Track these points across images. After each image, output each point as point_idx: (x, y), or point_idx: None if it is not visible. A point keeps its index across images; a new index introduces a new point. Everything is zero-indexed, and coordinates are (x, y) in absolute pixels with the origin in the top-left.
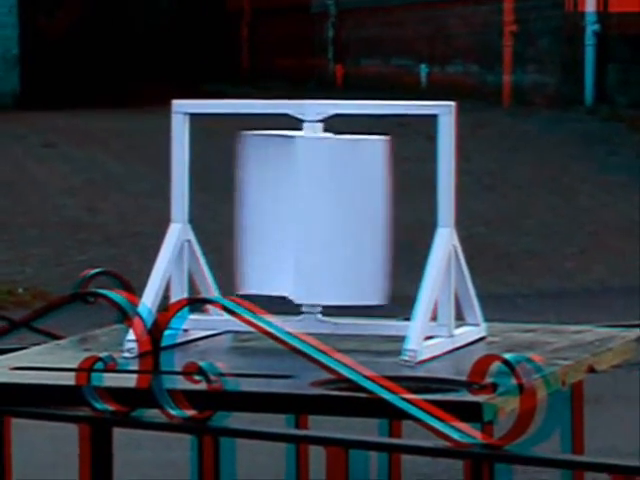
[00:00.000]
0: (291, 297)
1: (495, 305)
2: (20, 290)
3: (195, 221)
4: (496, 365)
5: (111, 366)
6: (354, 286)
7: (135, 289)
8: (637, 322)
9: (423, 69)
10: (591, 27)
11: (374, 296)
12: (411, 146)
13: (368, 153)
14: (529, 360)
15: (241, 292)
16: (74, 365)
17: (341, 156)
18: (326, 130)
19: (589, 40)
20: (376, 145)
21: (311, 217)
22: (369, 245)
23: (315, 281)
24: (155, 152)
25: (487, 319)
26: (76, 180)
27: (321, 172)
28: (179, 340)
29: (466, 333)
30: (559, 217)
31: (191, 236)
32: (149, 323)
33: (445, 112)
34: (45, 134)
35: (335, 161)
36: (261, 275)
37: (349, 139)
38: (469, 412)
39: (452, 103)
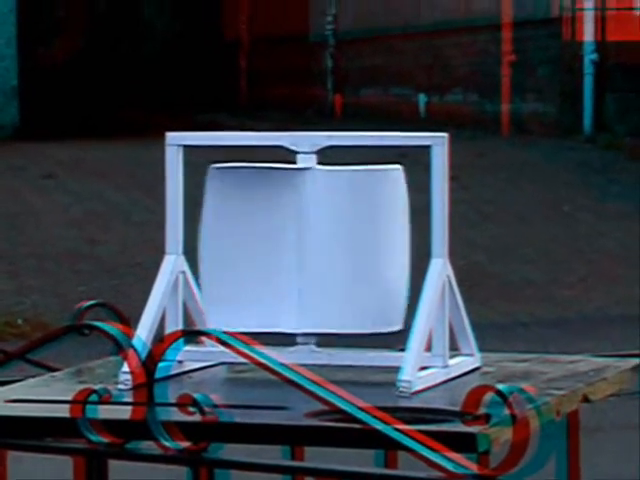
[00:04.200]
0: (295, 329)
1: (494, 334)
2: (19, 321)
3: (190, 252)
4: (490, 395)
5: (106, 398)
6: (372, 314)
7: (134, 320)
8: (633, 352)
9: (422, 99)
10: (589, 56)
11: (394, 322)
12: (412, 177)
13: (385, 183)
14: (522, 391)
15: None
16: (69, 397)
17: (355, 187)
18: (322, 161)
19: (587, 69)
20: (393, 175)
21: (323, 248)
22: (380, 274)
23: (324, 310)
24: (155, 183)
25: (486, 348)
26: (76, 211)
27: (327, 203)
28: (173, 372)
29: (461, 363)
30: (558, 246)
31: (185, 268)
32: (143, 355)
33: (438, 143)
34: (45, 165)
35: (349, 192)
36: (272, 312)
37: (363, 169)
38: (463, 443)
39: (445, 134)
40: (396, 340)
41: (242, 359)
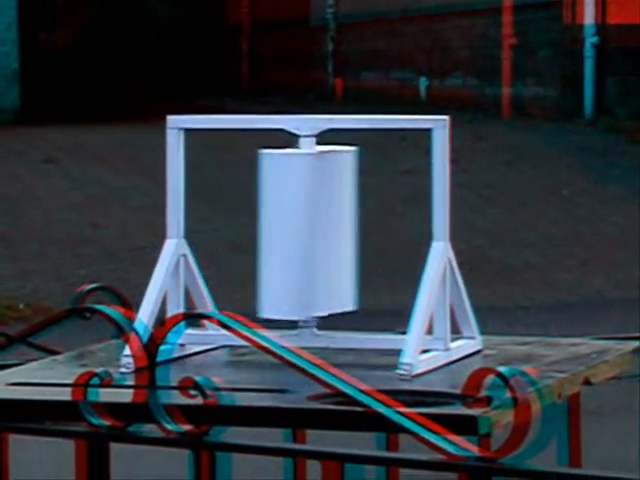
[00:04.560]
0: (263, 313)
1: (495, 318)
2: (21, 305)
3: (194, 235)
4: (491, 378)
5: (107, 381)
6: (331, 296)
7: (134, 304)
8: (634, 334)
9: (423, 82)
10: (590, 39)
11: (348, 303)
12: (411, 159)
13: (337, 164)
14: (523, 373)
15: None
16: (71, 380)
17: (312, 169)
18: (324, 143)
19: (588, 52)
20: (344, 156)
21: (286, 232)
22: (342, 255)
23: (282, 294)
24: (156, 167)
25: (487, 332)
26: (77, 195)
27: (292, 185)
28: (175, 355)
29: (462, 346)
30: (558, 229)
31: (187, 251)
32: (145, 338)
33: (439, 126)
34: (45, 150)
35: (303, 174)
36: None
37: (319, 151)
38: (464, 425)
39: (446, 117)
40: (350, 321)
41: (244, 342)
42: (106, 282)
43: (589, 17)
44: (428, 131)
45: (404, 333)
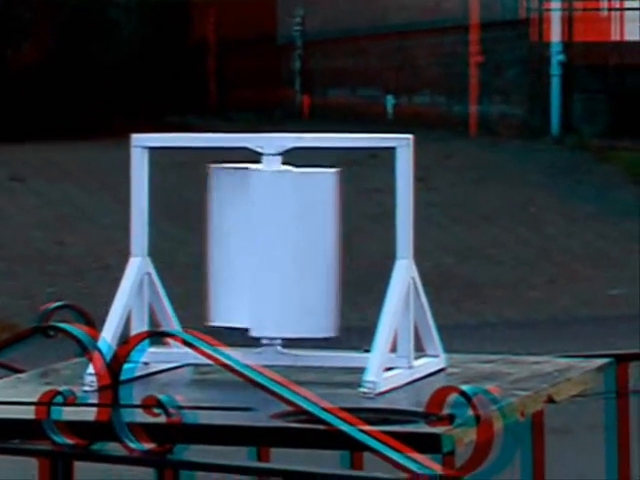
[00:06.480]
0: (250, 329)
1: (462, 335)
2: None
3: (162, 252)
4: (454, 396)
5: (71, 400)
6: (308, 319)
7: (102, 322)
8: (598, 352)
9: (390, 100)
10: (556, 57)
11: (327, 329)
12: (381, 177)
13: (318, 185)
14: (486, 392)
15: (207, 324)
16: (34, 399)
17: (290, 188)
18: (288, 162)
19: (555, 70)
20: (326, 177)
21: (266, 250)
22: (322, 278)
23: (270, 314)
24: (123, 185)
25: (454, 349)
26: (44, 213)
27: (271, 204)
28: (139, 373)
29: (426, 364)
30: (526, 247)
31: (151, 269)
32: (108, 357)
33: (403, 145)
34: (12, 167)
35: (284, 194)
36: (224, 308)
37: (298, 172)
38: (427, 443)
39: (409, 136)
40: (332, 344)
41: (207, 360)
42: (74, 300)
43: (556, 35)
44: (392, 150)
45: (368, 351)
